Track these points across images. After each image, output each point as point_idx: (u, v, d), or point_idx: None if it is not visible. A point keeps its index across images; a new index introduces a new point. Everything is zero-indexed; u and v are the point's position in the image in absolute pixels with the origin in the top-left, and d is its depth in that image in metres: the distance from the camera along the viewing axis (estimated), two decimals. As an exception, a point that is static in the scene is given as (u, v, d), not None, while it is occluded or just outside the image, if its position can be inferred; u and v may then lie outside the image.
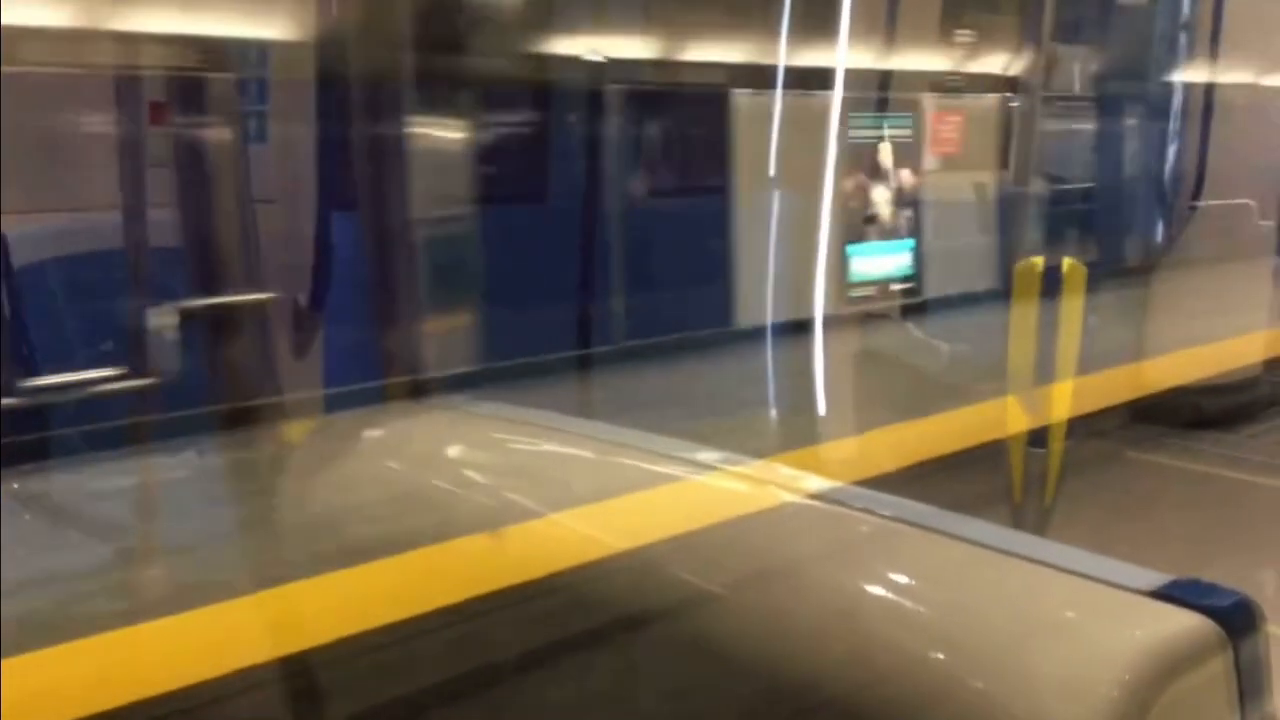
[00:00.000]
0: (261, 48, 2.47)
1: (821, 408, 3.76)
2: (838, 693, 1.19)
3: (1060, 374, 4.61)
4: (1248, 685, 1.17)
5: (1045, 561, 1.23)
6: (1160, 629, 1.14)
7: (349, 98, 2.39)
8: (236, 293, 2.02)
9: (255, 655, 1.28)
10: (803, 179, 3.92)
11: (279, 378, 2.03)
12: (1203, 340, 5.32)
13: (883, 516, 1.33)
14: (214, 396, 1.92)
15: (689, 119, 4.39)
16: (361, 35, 2.31)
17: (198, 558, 1.46)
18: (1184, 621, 1.15)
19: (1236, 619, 1.17)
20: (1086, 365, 4.61)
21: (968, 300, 4.98)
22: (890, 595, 1.25)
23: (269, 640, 1.28)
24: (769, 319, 3.96)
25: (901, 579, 1.26)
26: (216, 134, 2.09)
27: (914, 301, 4.54)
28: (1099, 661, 1.11)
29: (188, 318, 1.89)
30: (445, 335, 2.19)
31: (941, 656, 1.15)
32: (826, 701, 1.19)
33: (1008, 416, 4.62)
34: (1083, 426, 5.17)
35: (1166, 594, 1.17)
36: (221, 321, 1.97)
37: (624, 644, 1.36)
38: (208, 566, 1.43)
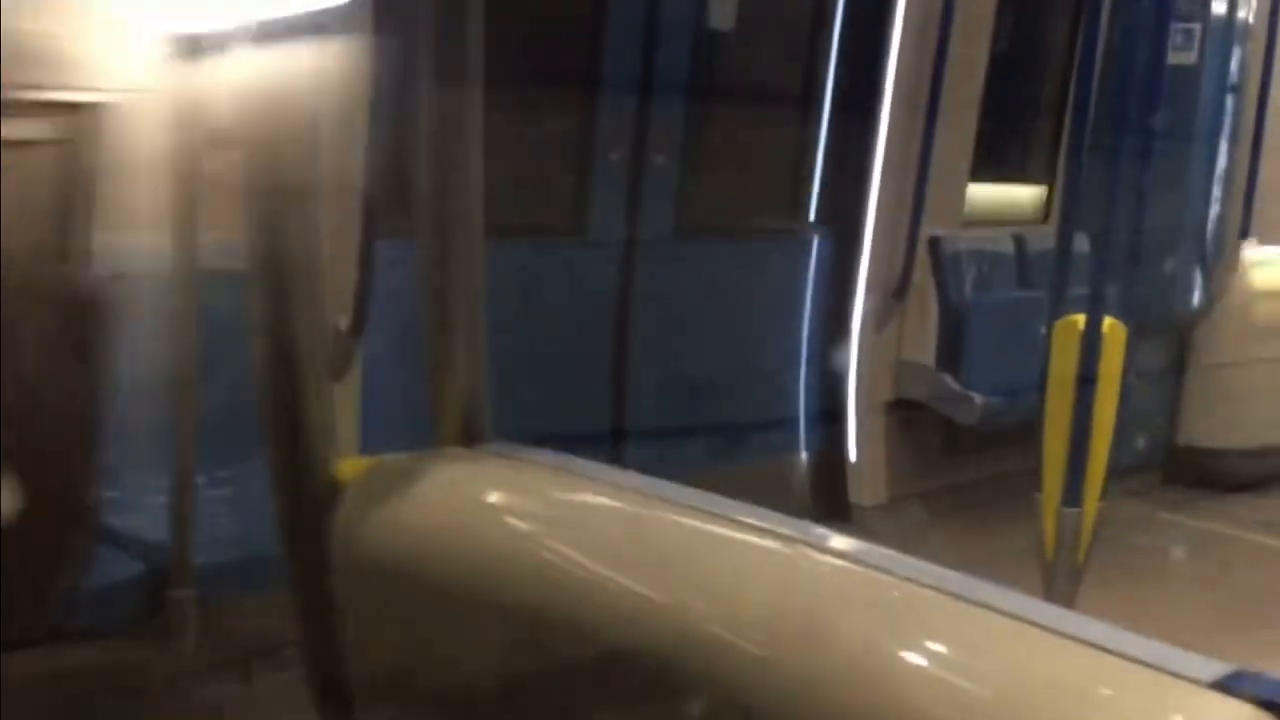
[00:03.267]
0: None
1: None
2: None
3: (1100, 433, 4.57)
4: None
5: (1100, 645, 1.20)
6: (1215, 722, 1.11)
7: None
8: None
9: None
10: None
11: None
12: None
13: (922, 585, 1.31)
14: None
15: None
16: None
17: None
18: (1242, 716, 1.12)
19: (1298, 714, 1.14)
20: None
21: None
22: (926, 668, 1.22)
23: None
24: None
25: (939, 650, 1.24)
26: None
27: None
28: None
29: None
30: None
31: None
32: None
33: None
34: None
35: (1225, 685, 1.14)
36: None
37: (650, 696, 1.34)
38: None
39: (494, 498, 1.63)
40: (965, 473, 6.23)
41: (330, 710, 1.75)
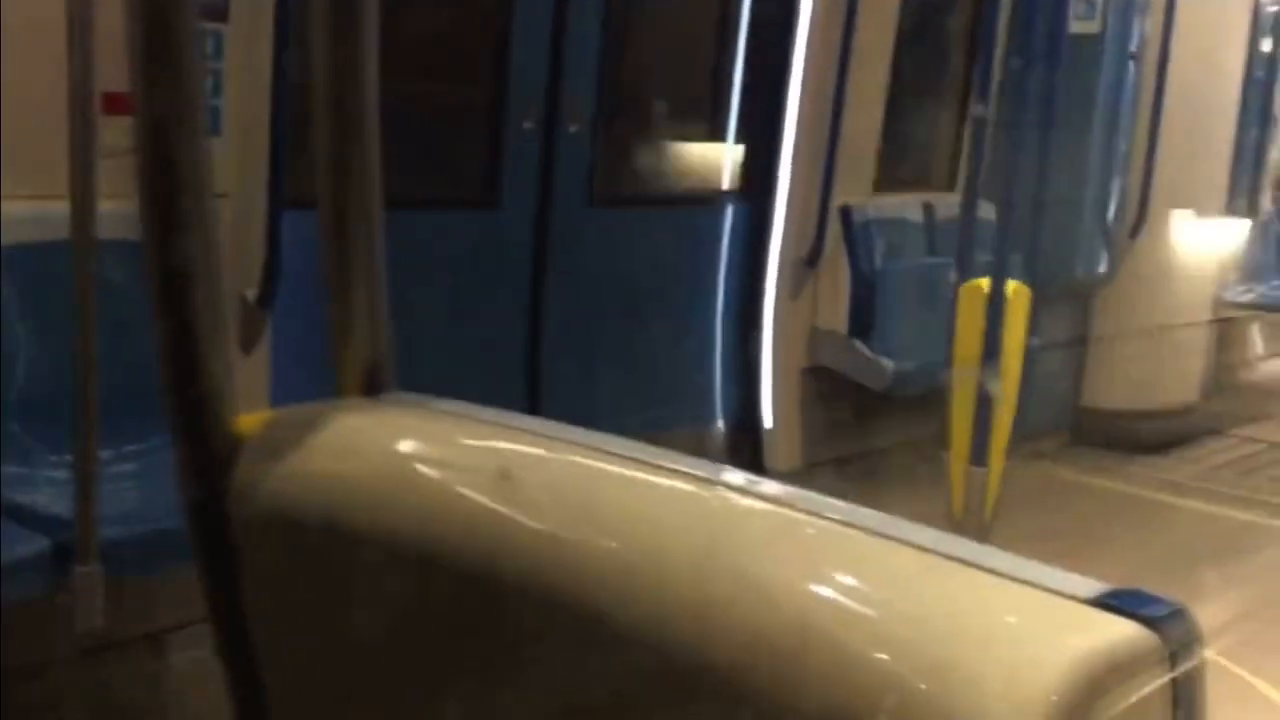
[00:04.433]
0: None
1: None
2: (781, 693, 1.19)
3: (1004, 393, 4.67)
4: (1182, 694, 1.18)
5: (989, 568, 1.23)
6: (1100, 636, 1.15)
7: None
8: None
9: None
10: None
11: None
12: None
13: (830, 520, 1.33)
14: None
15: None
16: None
17: None
18: (1123, 630, 1.16)
19: (1174, 629, 1.18)
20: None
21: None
22: (836, 597, 1.25)
23: None
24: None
25: (848, 581, 1.26)
26: None
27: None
28: (1040, 666, 1.11)
29: None
30: None
31: (884, 658, 1.15)
32: (764, 698, 1.19)
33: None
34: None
35: (1106, 602, 1.18)
36: None
37: (561, 632, 1.35)
38: None
39: (401, 445, 1.62)
40: (878, 438, 6.33)
41: (239, 679, 1.74)
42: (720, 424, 6.03)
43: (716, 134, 5.92)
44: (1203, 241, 7.43)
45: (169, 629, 3.80)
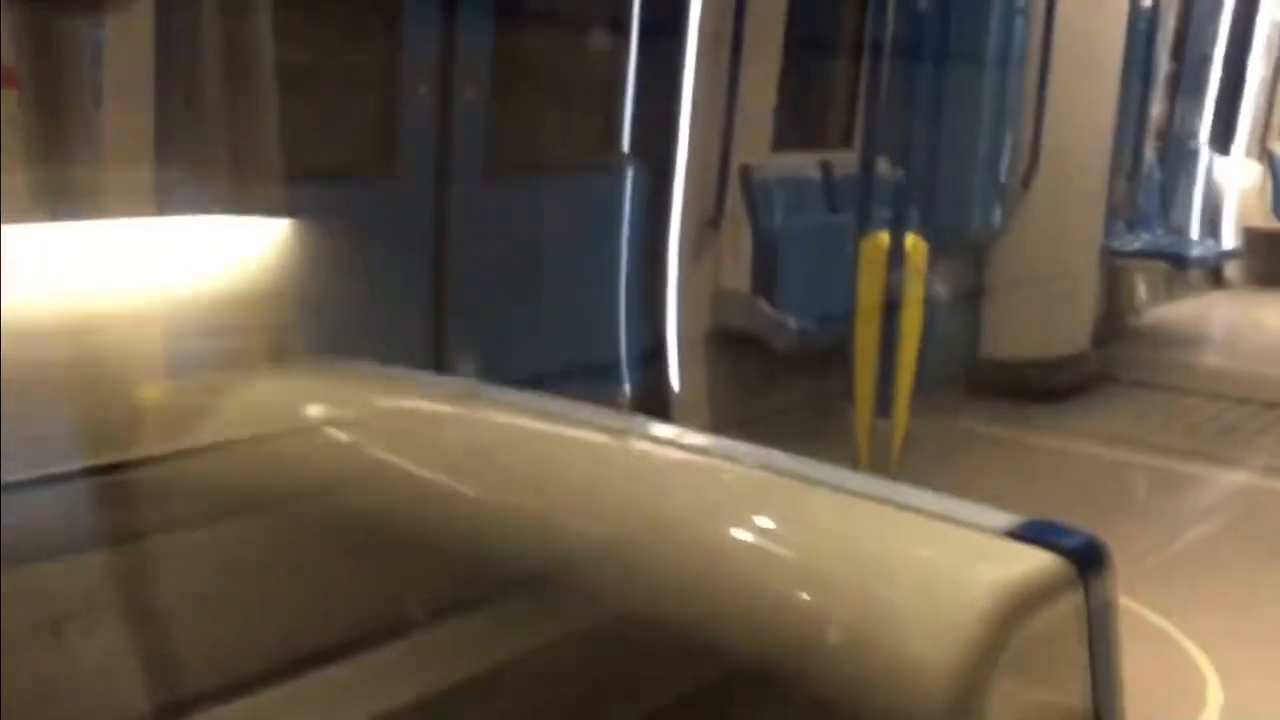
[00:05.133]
0: None
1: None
2: (705, 635, 1.20)
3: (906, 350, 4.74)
4: (1097, 620, 1.22)
5: (903, 504, 1.26)
6: (1015, 567, 1.18)
7: None
8: None
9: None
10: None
11: None
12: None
13: (746, 465, 1.34)
14: None
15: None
16: None
17: None
18: (1037, 560, 1.19)
19: (1087, 558, 1.22)
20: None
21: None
22: (755, 540, 1.26)
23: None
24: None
25: (766, 524, 1.28)
26: None
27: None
28: (957, 598, 1.13)
29: None
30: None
31: (807, 596, 1.16)
32: (692, 642, 1.19)
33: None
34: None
35: (1019, 534, 1.21)
36: None
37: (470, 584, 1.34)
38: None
39: (310, 410, 1.59)
40: (784, 396, 6.39)
41: (153, 659, 1.70)
42: (627, 388, 6.04)
43: (614, 97, 5.89)
44: (1090, 192, 7.61)
45: (68, 616, 3.70)
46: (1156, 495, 5.96)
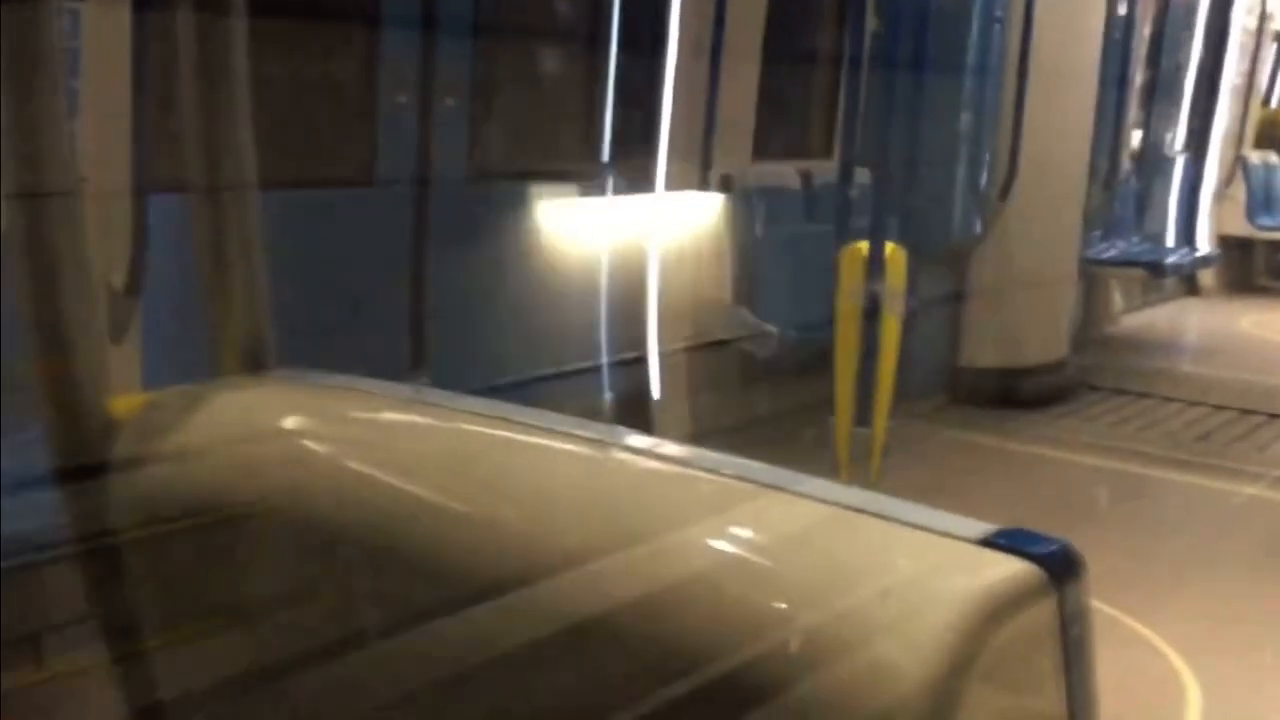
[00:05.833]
0: None
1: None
2: (676, 644, 1.20)
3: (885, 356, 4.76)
4: (1071, 628, 1.22)
5: (878, 513, 1.26)
6: (989, 575, 1.18)
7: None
8: None
9: None
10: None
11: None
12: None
13: (724, 476, 1.34)
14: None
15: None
16: None
17: None
18: (1011, 568, 1.19)
19: (1060, 565, 1.22)
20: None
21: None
22: (732, 549, 1.26)
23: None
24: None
25: (744, 534, 1.28)
26: None
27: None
28: (931, 606, 1.14)
29: None
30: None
31: (783, 606, 1.17)
32: (663, 652, 1.19)
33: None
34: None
35: (993, 542, 1.21)
36: None
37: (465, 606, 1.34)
38: None
39: (285, 421, 1.59)
40: (765, 404, 6.40)
41: (129, 669, 1.69)
42: (608, 396, 6.04)
43: (595, 107, 5.90)
44: (1068, 200, 7.65)
45: (46, 629, 3.68)
46: (1134, 502, 5.99)
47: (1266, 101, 12.46)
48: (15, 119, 1.51)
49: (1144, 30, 9.58)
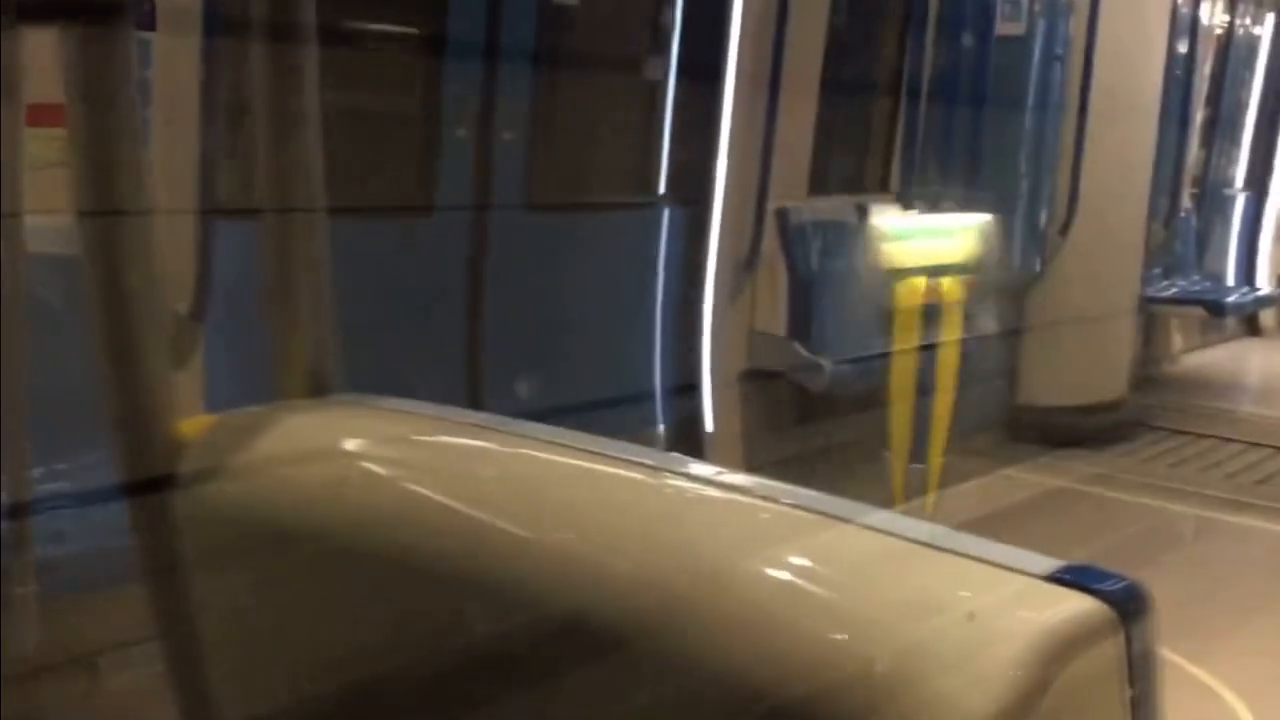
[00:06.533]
0: None
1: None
2: (741, 677, 1.19)
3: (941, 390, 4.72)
4: (1137, 667, 1.20)
5: (942, 546, 1.25)
6: (1054, 611, 1.16)
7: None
8: None
9: None
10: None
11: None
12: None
13: (786, 505, 1.34)
14: None
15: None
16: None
17: None
18: (1078, 604, 1.17)
19: (1128, 603, 1.20)
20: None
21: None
22: (792, 580, 1.25)
23: None
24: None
25: (805, 564, 1.27)
26: None
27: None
28: (998, 642, 1.12)
29: None
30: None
31: (845, 638, 1.16)
32: (728, 683, 1.19)
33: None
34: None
35: (1060, 578, 1.20)
36: None
37: (536, 638, 1.34)
38: None
39: (349, 444, 1.60)
40: (818, 438, 6.36)
41: (189, 690, 1.70)
42: (661, 429, 6.03)
43: (652, 138, 5.93)
44: (1128, 239, 7.57)
45: (101, 650, 3.72)
46: (1195, 543, 5.88)
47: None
48: (92, 143, 1.54)
49: (1205, 69, 9.49)
